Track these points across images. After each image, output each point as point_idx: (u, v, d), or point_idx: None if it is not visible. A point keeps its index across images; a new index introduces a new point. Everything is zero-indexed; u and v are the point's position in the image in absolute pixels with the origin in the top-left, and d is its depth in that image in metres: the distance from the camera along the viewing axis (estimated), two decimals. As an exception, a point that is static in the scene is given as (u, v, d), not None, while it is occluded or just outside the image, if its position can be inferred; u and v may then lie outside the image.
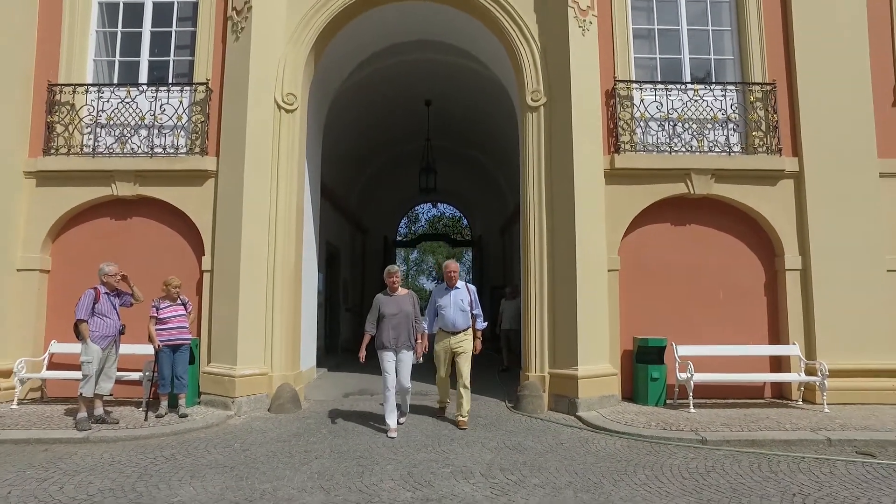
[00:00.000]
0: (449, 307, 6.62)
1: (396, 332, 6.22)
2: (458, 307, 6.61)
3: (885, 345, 7.60)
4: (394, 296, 6.39)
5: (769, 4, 8.32)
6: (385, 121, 13.97)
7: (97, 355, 6.34)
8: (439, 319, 6.75)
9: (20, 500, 4.14)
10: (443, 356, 6.73)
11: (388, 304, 6.30)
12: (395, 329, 6.22)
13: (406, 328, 6.27)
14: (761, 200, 8.00)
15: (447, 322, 6.64)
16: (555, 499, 4.24)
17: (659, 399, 7.47)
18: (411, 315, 6.34)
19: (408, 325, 6.29)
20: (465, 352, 6.60)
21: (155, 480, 4.61)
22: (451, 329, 6.62)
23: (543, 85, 7.95)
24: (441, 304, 6.69)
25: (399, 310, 6.27)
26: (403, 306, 6.31)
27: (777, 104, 8.11)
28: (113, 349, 6.55)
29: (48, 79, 8.12)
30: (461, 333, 6.63)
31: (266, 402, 7.38)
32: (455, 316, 6.60)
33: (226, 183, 7.78)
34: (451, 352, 6.64)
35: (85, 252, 8.05)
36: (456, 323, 6.61)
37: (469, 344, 6.67)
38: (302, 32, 8.16)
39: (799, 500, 4.20)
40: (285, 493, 4.35)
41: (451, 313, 6.61)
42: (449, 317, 6.61)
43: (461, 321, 6.63)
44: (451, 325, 6.61)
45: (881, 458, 5.25)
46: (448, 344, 6.64)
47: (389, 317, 6.23)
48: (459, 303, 6.62)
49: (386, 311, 6.26)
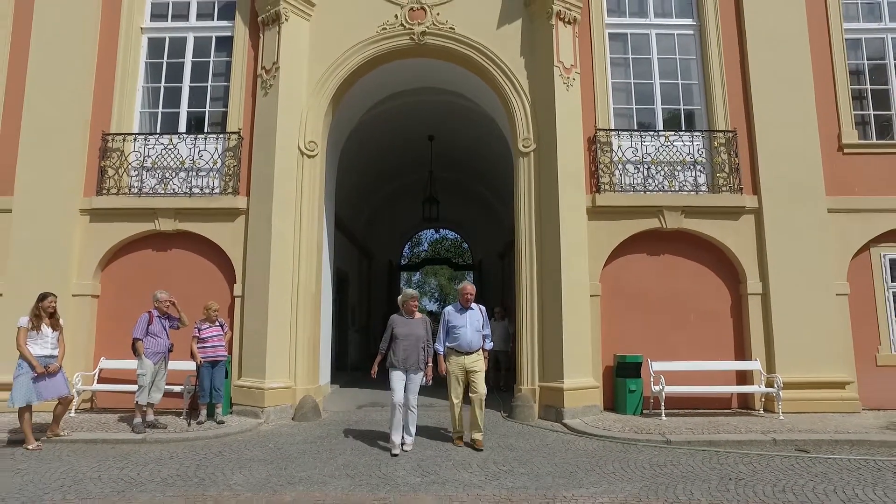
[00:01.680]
0: (465, 328, 6.70)
1: (406, 354, 6.43)
2: (474, 328, 6.73)
3: (835, 360, 8.63)
4: (409, 319, 6.66)
5: (730, 62, 9.52)
6: (391, 154, 15.18)
7: (150, 369, 7.41)
8: (452, 340, 6.76)
9: (110, 480, 5.20)
10: (459, 376, 6.71)
11: (402, 326, 6.57)
12: (406, 351, 6.43)
13: (416, 351, 6.47)
14: (726, 233, 9.10)
15: (463, 343, 6.69)
16: (536, 482, 5.26)
17: (636, 409, 8.48)
18: (423, 338, 6.55)
19: (418, 348, 6.49)
20: (480, 371, 6.71)
21: (210, 470, 5.64)
22: (467, 349, 6.70)
23: (533, 133, 9.12)
24: (456, 324, 6.75)
25: (411, 332, 6.52)
26: (416, 329, 6.56)
27: (738, 149, 9.26)
28: (163, 364, 7.61)
29: (102, 129, 9.32)
30: (475, 353, 6.74)
31: (290, 412, 8.39)
32: (472, 337, 6.70)
33: (255, 219, 8.90)
34: (465, 372, 6.71)
35: (130, 280, 9.17)
36: (472, 344, 6.70)
37: (482, 363, 6.78)
38: (321, 88, 9.36)
39: (732, 482, 5.22)
40: (318, 479, 5.37)
41: (467, 334, 6.69)
42: (465, 338, 6.68)
43: (476, 342, 6.75)
44: (466, 346, 6.69)
45: (813, 453, 6.26)
46: (463, 364, 6.70)
47: (402, 338, 6.48)
48: (475, 323, 6.76)
49: (399, 333, 6.52)
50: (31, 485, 5.12)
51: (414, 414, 6.55)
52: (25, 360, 6.54)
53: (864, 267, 9.19)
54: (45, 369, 6.59)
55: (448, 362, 6.77)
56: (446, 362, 6.78)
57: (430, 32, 9.39)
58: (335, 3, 9.53)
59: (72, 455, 6.18)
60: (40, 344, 6.65)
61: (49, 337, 6.74)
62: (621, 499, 4.78)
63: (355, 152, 12.88)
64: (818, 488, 5.02)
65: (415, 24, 9.41)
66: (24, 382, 6.47)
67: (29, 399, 6.47)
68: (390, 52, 9.50)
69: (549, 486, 5.15)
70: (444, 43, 9.41)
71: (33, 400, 6.51)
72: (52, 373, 6.66)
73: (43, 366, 6.58)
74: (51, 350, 6.73)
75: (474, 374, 6.67)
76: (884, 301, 9.08)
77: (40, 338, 6.67)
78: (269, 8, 9.21)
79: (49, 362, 6.66)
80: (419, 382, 6.55)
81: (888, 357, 8.93)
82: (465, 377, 6.73)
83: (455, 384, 6.73)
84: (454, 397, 6.75)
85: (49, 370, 6.62)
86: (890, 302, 9.08)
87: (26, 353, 6.54)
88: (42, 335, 6.68)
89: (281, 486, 5.12)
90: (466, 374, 6.71)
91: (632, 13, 9.96)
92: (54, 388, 6.69)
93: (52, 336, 6.79)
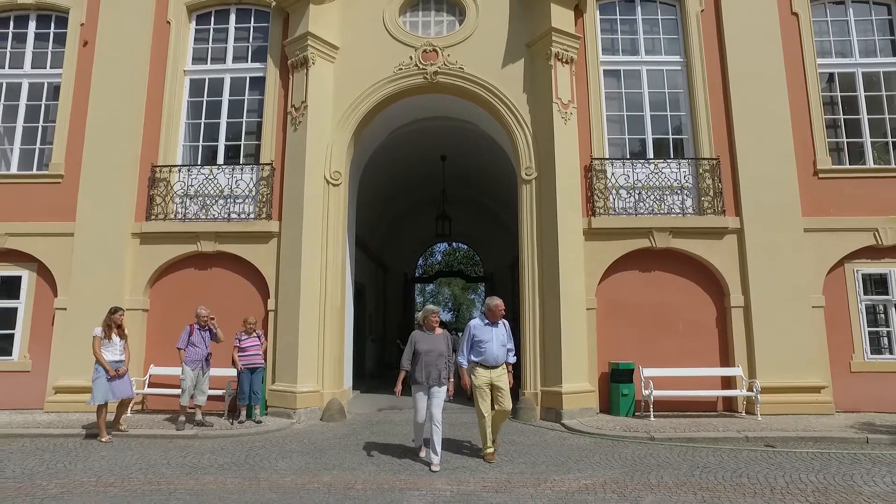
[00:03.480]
0: (492, 342, 6.66)
1: (429, 370, 6.50)
2: (500, 342, 6.71)
3: (811, 366, 9.49)
4: (430, 334, 6.72)
5: (714, 95, 10.47)
6: (405, 173, 16.27)
7: (189, 375, 8.53)
8: (478, 354, 6.68)
9: (177, 465, 6.27)
10: (485, 390, 6.65)
11: (424, 342, 6.62)
12: (428, 367, 6.50)
13: (439, 366, 6.53)
14: (711, 251, 10.01)
15: (489, 357, 6.64)
16: (532, 469, 6.23)
17: (629, 411, 9.40)
18: (445, 354, 6.61)
19: (441, 363, 6.55)
20: (505, 386, 6.69)
21: (258, 458, 6.69)
22: (493, 364, 6.66)
23: (535, 163, 10.14)
24: (483, 339, 6.68)
25: (433, 347, 6.58)
26: (438, 345, 6.61)
27: (722, 174, 10.20)
28: (202, 370, 8.69)
29: (151, 161, 10.51)
30: (500, 368, 6.72)
31: (318, 413, 9.43)
32: (498, 351, 6.67)
33: (287, 241, 10.00)
34: (490, 385, 6.66)
35: (176, 295, 10.31)
36: (498, 358, 6.68)
37: (507, 378, 6.77)
38: (345, 123, 10.47)
39: (699, 470, 6.15)
40: (348, 466, 6.39)
41: (493, 348, 6.65)
42: (492, 352, 6.64)
43: (502, 356, 6.73)
44: (493, 360, 6.65)
45: (778, 448, 7.16)
46: (489, 378, 6.64)
47: (424, 353, 6.54)
48: (501, 338, 6.74)
49: (421, 349, 6.57)
50: (116, 467, 6.22)
51: (439, 429, 6.44)
52: (101, 364, 7.69)
53: (839, 281, 10.04)
54: (116, 372, 7.74)
55: (474, 376, 6.68)
56: (472, 376, 6.69)
57: (441, 72, 10.48)
58: (356, 47, 10.67)
59: (139, 447, 7.27)
60: (111, 351, 7.84)
61: (118, 345, 7.94)
62: (601, 481, 5.74)
63: (373, 172, 13.92)
64: (770, 474, 5.93)
65: (428, 64, 10.51)
66: (101, 384, 7.66)
67: (105, 398, 7.66)
68: (406, 90, 10.61)
69: (542, 471, 6.12)
70: (455, 81, 10.49)
71: (109, 398, 7.69)
72: (121, 375, 7.83)
73: (114, 369, 7.72)
74: (119, 356, 7.91)
75: (499, 390, 6.64)
76: (857, 312, 9.92)
77: (111, 345, 7.86)
78: (298, 53, 10.37)
79: (118, 366, 7.83)
80: (443, 397, 6.57)
81: (861, 364, 9.76)
82: (490, 391, 6.69)
83: (482, 398, 6.65)
84: (484, 411, 6.63)
85: (119, 373, 7.78)
86: (863, 313, 9.92)
87: (101, 359, 7.72)
88: (112, 343, 7.86)
89: (318, 471, 6.14)
90: (492, 387, 6.67)
91: (624, 51, 10.97)
92: (123, 389, 7.88)
93: (120, 344, 7.99)
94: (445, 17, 11.07)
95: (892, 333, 9.89)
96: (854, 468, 6.17)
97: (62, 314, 10.03)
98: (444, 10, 11.10)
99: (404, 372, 6.72)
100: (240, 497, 5.23)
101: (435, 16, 11.10)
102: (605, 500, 5.16)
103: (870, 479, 5.71)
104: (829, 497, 5.17)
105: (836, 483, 5.60)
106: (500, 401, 6.64)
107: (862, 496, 5.18)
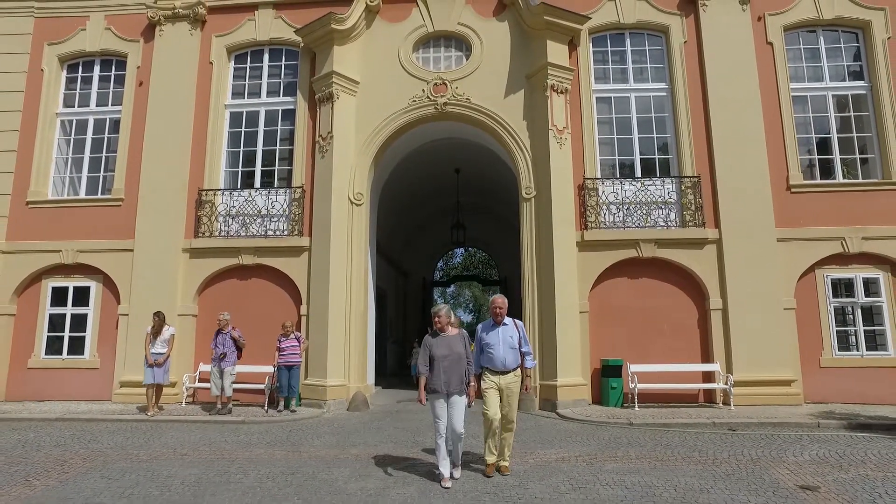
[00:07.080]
0: (497, 345, 6.13)
1: (447, 376, 5.84)
2: (508, 345, 6.14)
3: (783, 362, 10.60)
4: (444, 336, 6.05)
5: (696, 118, 11.64)
6: (422, 184, 17.61)
7: (210, 371, 10.23)
8: (486, 359, 6.19)
9: (235, 442, 7.73)
10: (493, 398, 6.07)
11: (438, 346, 5.99)
12: (447, 372, 5.85)
13: (458, 371, 5.89)
14: (692, 260, 11.19)
15: (497, 362, 6.11)
16: (523, 446, 7.52)
17: (617, 402, 10.63)
18: (464, 356, 5.99)
19: (460, 367, 5.91)
20: (515, 393, 6.18)
21: (296, 439, 8.11)
22: (501, 369, 6.11)
23: (533, 182, 11.44)
24: (489, 342, 6.18)
25: (450, 351, 5.94)
26: (455, 347, 5.97)
27: (702, 191, 11.36)
28: (218, 367, 10.13)
29: (198, 185, 12.07)
30: (511, 374, 6.15)
31: (345, 404, 10.84)
32: (505, 354, 6.11)
33: (316, 255, 11.44)
34: (500, 391, 6.12)
35: (220, 303, 11.82)
36: (506, 362, 6.10)
37: (518, 385, 6.21)
38: (366, 150, 11.90)
39: (661, 447, 7.39)
40: (372, 443, 7.76)
41: (500, 352, 6.11)
42: (498, 356, 6.10)
43: (511, 360, 6.14)
44: (500, 365, 6.10)
45: (739, 431, 8.34)
46: (499, 383, 6.11)
47: (440, 358, 5.90)
48: (509, 340, 6.15)
49: (436, 353, 5.94)
50: (186, 442, 7.74)
51: (461, 440, 6.05)
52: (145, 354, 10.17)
53: (811, 285, 11.13)
54: (154, 361, 10.01)
55: (484, 381, 6.16)
56: (482, 381, 6.17)
57: (450, 103, 11.85)
58: (375, 82, 12.09)
59: (198, 429, 8.78)
60: (154, 345, 10.25)
61: (158, 341, 10.14)
62: (576, 454, 7.03)
63: (392, 187, 15.32)
64: (719, 450, 7.15)
65: (438, 96, 11.88)
66: (146, 370, 10.00)
67: (147, 379, 9.89)
68: (419, 119, 12.02)
69: (530, 448, 7.43)
70: (462, 111, 11.86)
71: (149, 380, 9.99)
72: (158, 364, 10.07)
73: (153, 359, 10.02)
74: (159, 349, 10.25)
75: (508, 398, 6.14)
76: (826, 314, 11.00)
77: (155, 341, 10.18)
78: (324, 89, 11.83)
79: (157, 358, 10.13)
80: (463, 406, 5.95)
81: (830, 360, 10.84)
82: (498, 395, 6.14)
83: (490, 404, 6.06)
84: (490, 412, 6.04)
85: (156, 363, 10.05)
86: (831, 314, 10.99)
87: (146, 350, 10.23)
88: (155, 339, 10.10)
89: (347, 447, 7.54)
90: (501, 393, 6.14)
91: (615, 80, 12.20)
92: (157, 376, 10.03)
93: (161, 340, 10.18)
94: (454, 52, 12.43)
95: (858, 332, 10.94)
96: (793, 445, 7.35)
97: (124, 319, 11.63)
98: (453, 46, 12.47)
99: (423, 378, 6.00)
100: (287, 464, 6.64)
101: (444, 51, 12.48)
102: (576, 467, 6.44)
103: (799, 453, 6.89)
104: (757, 464, 6.38)
105: (769, 455, 6.80)
106: (507, 412, 6.13)
107: (784, 463, 6.39)
